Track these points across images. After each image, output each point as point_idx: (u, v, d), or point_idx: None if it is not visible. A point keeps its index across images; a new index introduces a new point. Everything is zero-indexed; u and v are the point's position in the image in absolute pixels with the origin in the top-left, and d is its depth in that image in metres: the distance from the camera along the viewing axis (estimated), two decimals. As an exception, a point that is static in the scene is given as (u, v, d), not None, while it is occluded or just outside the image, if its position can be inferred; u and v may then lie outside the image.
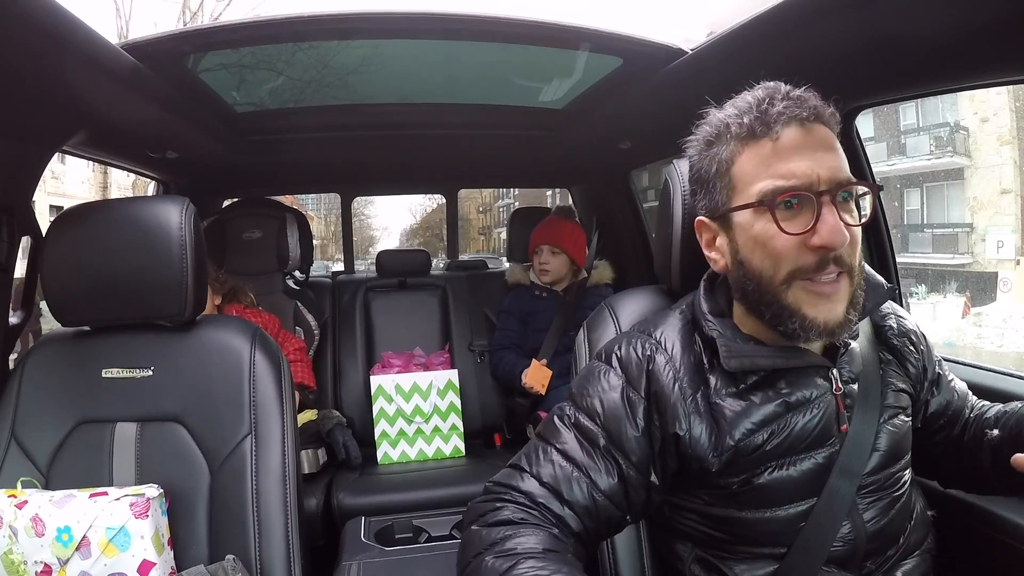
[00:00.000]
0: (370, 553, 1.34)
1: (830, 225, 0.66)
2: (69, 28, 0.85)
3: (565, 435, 0.75)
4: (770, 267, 0.70)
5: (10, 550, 0.90)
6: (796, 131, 0.69)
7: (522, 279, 2.16)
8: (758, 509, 0.73)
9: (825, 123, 0.70)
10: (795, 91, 0.70)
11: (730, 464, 0.72)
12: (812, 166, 0.67)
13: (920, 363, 0.84)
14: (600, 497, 0.72)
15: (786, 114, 0.68)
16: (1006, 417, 0.81)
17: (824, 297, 0.69)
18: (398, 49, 1.32)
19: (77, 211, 1.06)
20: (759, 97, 0.71)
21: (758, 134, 0.70)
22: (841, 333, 0.71)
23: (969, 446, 0.84)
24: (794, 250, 0.68)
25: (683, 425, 0.72)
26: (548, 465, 0.73)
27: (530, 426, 2.00)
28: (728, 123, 0.72)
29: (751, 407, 0.73)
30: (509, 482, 0.73)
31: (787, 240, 0.68)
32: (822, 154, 0.68)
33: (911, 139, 7.28)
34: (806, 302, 0.69)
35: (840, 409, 0.75)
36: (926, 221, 7.23)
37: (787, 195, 0.68)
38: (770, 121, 0.69)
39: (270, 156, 1.92)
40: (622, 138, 1.84)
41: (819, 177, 0.67)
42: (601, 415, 0.74)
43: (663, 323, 0.80)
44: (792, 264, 0.69)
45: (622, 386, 0.76)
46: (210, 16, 9.69)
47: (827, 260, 0.67)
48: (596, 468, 0.72)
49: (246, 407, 1.02)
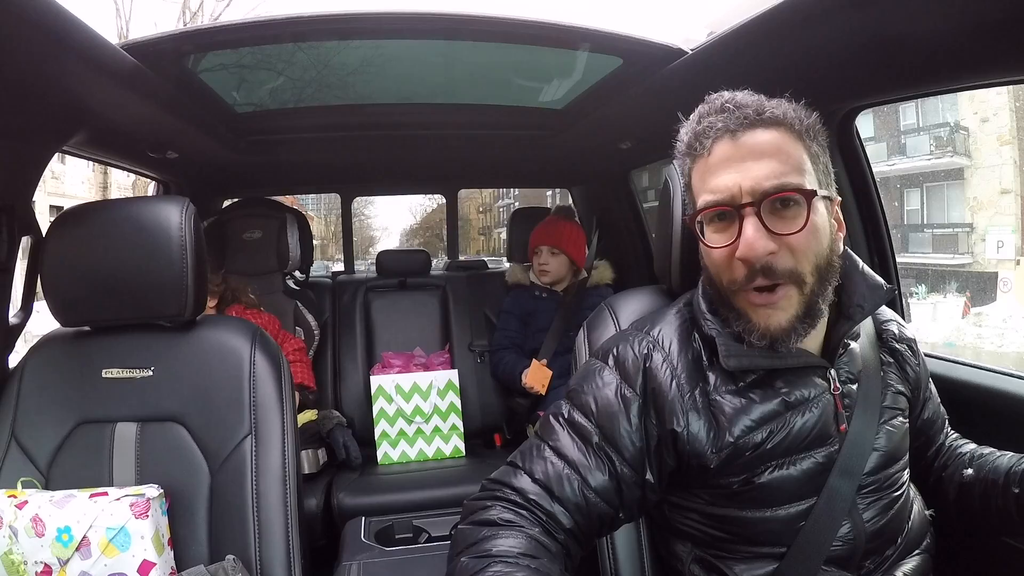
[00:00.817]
0: (370, 553, 1.34)
1: (746, 237, 0.67)
2: (69, 28, 0.85)
3: (559, 433, 0.75)
4: (716, 276, 0.73)
5: (10, 550, 0.90)
6: (725, 144, 0.70)
7: (522, 279, 2.16)
8: (758, 509, 0.74)
9: (772, 126, 0.69)
10: (737, 98, 0.71)
11: (729, 462, 0.72)
12: (736, 179, 0.68)
13: (917, 372, 0.85)
14: (591, 494, 0.71)
15: (714, 127, 0.70)
16: (982, 460, 0.84)
17: (762, 306, 0.70)
18: (398, 49, 1.32)
19: (77, 211, 1.06)
20: (700, 113, 0.73)
21: (697, 151, 0.73)
22: (787, 340, 0.71)
23: (938, 473, 0.88)
24: (726, 262, 0.71)
25: (680, 422, 0.73)
26: (541, 462, 0.73)
27: (530, 426, 2.00)
28: (681, 139, 0.75)
29: (750, 404, 0.73)
30: (503, 479, 0.74)
31: (718, 253, 0.71)
32: (750, 164, 0.68)
33: (911, 139, 7.27)
34: (749, 308, 0.71)
35: (839, 409, 0.75)
36: (926, 221, 7.23)
37: (712, 210, 0.70)
38: (701, 137, 0.71)
39: (270, 156, 1.92)
40: (622, 138, 1.84)
41: (741, 189, 0.68)
42: (595, 412, 0.75)
43: (660, 321, 0.81)
44: (727, 275, 0.71)
45: (616, 383, 0.76)
46: (210, 16, 9.70)
47: (755, 271, 0.68)
48: (588, 465, 0.72)
49: (246, 407, 1.02)
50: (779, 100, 0.72)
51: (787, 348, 0.72)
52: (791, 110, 0.71)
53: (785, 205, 0.68)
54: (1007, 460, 0.81)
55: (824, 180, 0.72)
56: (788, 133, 0.70)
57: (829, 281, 0.72)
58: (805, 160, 0.70)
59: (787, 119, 0.70)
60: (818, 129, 0.73)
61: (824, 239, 0.71)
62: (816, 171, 0.71)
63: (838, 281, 0.74)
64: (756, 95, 0.72)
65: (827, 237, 0.71)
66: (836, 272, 0.73)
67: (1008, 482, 0.78)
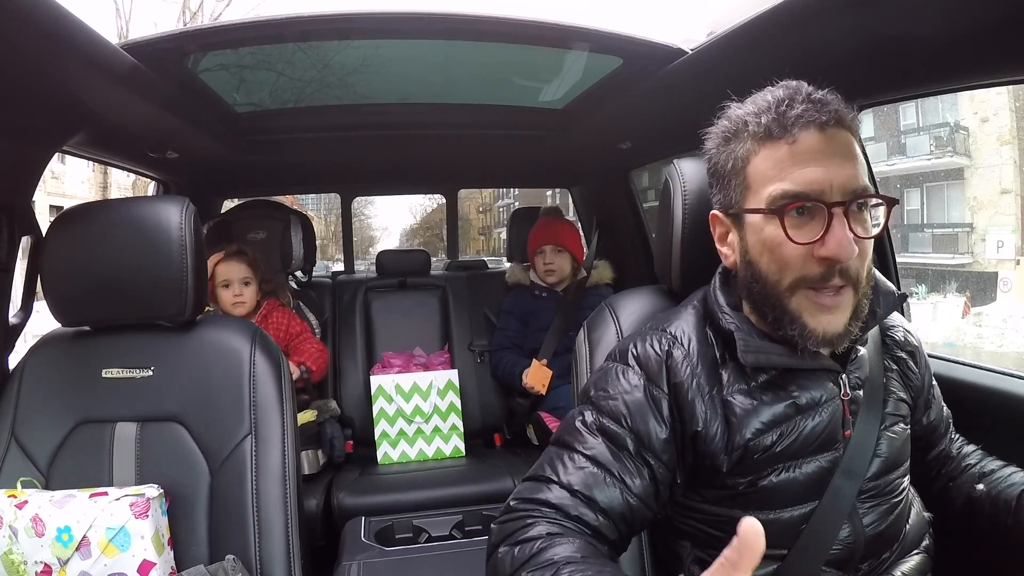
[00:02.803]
0: (370, 553, 1.34)
1: (838, 237, 0.65)
2: (69, 28, 0.85)
3: (591, 440, 0.72)
4: (776, 272, 0.70)
5: (10, 550, 0.90)
6: (814, 136, 0.67)
7: (522, 279, 2.16)
8: (761, 511, 0.73)
9: (847, 128, 0.68)
10: (818, 93, 0.69)
11: (738, 463, 0.72)
12: (827, 174, 0.66)
13: (920, 378, 0.84)
14: (634, 500, 0.70)
15: (805, 117, 0.67)
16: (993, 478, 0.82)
17: (825, 308, 0.69)
18: (398, 49, 1.32)
19: (77, 211, 1.06)
20: (779, 97, 0.69)
21: (775, 135, 0.68)
22: (839, 344, 0.70)
23: (945, 481, 0.87)
24: (800, 259, 0.68)
25: (700, 422, 0.72)
26: (578, 473, 0.69)
27: (530, 426, 2.00)
28: (746, 120, 0.71)
29: (760, 406, 0.72)
30: (535, 496, 0.69)
31: (794, 248, 0.68)
32: (839, 161, 0.67)
33: (911, 139, 7.28)
34: (807, 311, 0.69)
35: (846, 415, 0.75)
36: (926, 221, 7.24)
37: (798, 203, 0.67)
38: (787, 123, 0.67)
39: (270, 156, 1.92)
40: (622, 138, 1.84)
41: (832, 186, 0.66)
42: (627, 417, 0.72)
43: (677, 318, 0.79)
44: (797, 272, 0.68)
45: (644, 384, 0.74)
46: (210, 16, 9.69)
47: (833, 271, 0.67)
48: (628, 471, 0.70)
49: (246, 407, 1.02)
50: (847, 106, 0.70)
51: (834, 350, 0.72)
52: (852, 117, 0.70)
53: (864, 207, 0.68)
54: (1019, 480, 0.81)
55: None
56: (857, 141, 0.70)
57: (870, 284, 0.72)
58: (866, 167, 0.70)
59: (856, 128, 0.70)
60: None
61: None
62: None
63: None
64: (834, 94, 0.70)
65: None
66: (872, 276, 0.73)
67: (1020, 507, 0.77)
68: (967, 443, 0.91)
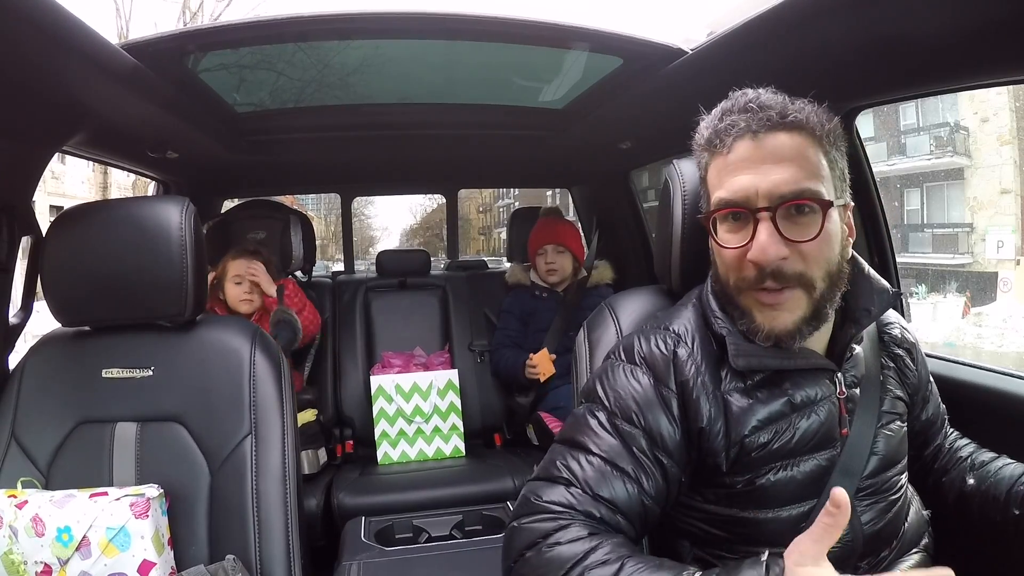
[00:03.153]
0: (370, 553, 1.34)
1: (760, 242, 0.68)
2: (69, 28, 0.85)
3: (606, 438, 0.72)
4: (725, 274, 0.74)
5: (10, 550, 0.90)
6: (746, 144, 0.70)
7: (522, 279, 2.16)
8: (760, 510, 0.74)
9: (789, 129, 0.69)
10: (761, 98, 0.70)
11: (736, 462, 0.73)
12: (753, 181, 0.68)
13: (917, 376, 0.85)
14: (649, 501, 0.70)
15: (736, 126, 0.70)
16: (984, 471, 0.84)
17: (768, 306, 0.71)
18: (398, 49, 1.32)
19: (77, 211, 1.06)
20: (722, 108, 0.73)
21: (716, 146, 0.72)
22: (791, 341, 0.71)
23: (937, 475, 0.88)
24: (737, 262, 0.71)
25: (705, 419, 0.73)
26: (595, 473, 0.70)
27: (530, 426, 2.00)
28: (701, 132, 0.75)
29: (756, 404, 0.73)
30: (556, 499, 0.69)
31: (730, 252, 0.71)
32: (768, 167, 0.68)
33: (911, 139, 7.28)
34: (754, 307, 0.72)
35: (842, 413, 0.75)
36: (926, 221, 7.24)
37: (727, 210, 0.70)
38: (722, 134, 0.71)
39: (270, 156, 1.92)
40: (622, 138, 1.84)
41: (758, 192, 0.68)
42: (640, 416, 0.73)
43: (679, 316, 0.80)
44: (736, 274, 0.72)
45: (653, 383, 0.74)
46: (210, 16, 9.70)
47: (764, 274, 0.69)
48: (644, 470, 0.71)
49: (246, 407, 1.02)
50: (803, 102, 0.71)
51: (792, 348, 0.72)
52: (814, 114, 0.70)
53: (800, 212, 0.68)
54: (1008, 474, 0.81)
55: (840, 187, 0.73)
56: (809, 138, 0.69)
57: (839, 286, 0.72)
58: (823, 166, 0.70)
59: (809, 123, 0.69)
60: (838, 135, 0.73)
61: (836, 246, 0.71)
62: (833, 177, 0.71)
63: (847, 287, 0.74)
64: (780, 95, 0.71)
65: (839, 244, 0.71)
66: (846, 277, 0.73)
67: (1009, 501, 0.78)
68: (960, 437, 0.91)
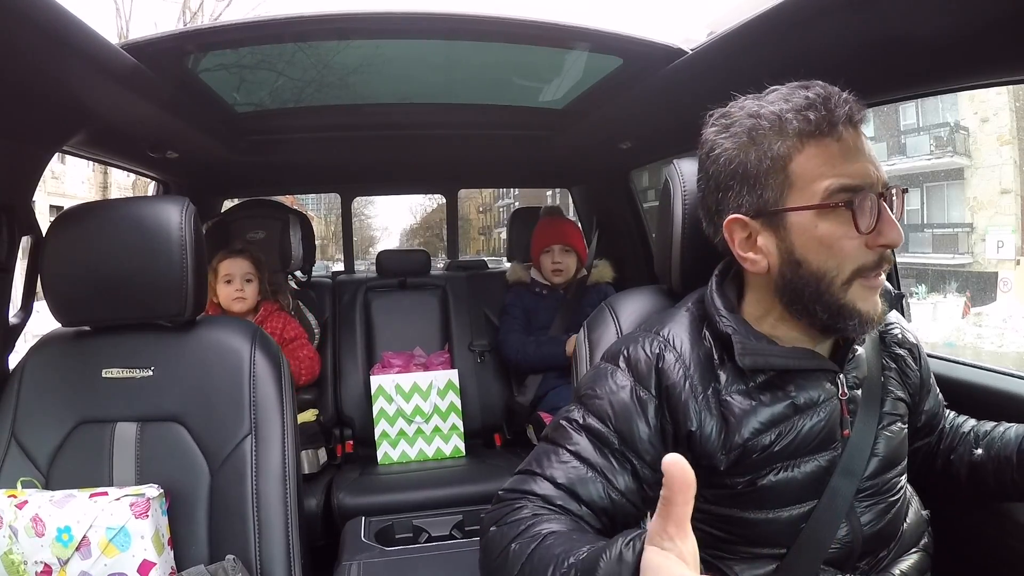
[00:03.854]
0: (370, 553, 1.34)
1: (892, 223, 0.69)
2: (69, 28, 0.85)
3: (576, 437, 0.73)
4: (834, 267, 0.69)
5: (10, 550, 0.90)
6: (853, 132, 0.69)
7: (523, 277, 2.16)
8: (760, 510, 0.74)
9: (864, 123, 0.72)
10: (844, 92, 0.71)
11: (737, 463, 0.72)
12: (871, 167, 0.69)
13: (918, 376, 0.85)
14: (617, 496, 0.71)
15: (847, 115, 0.69)
16: (989, 439, 0.84)
17: (873, 291, 0.71)
18: (398, 49, 1.32)
19: (77, 211, 1.06)
20: (821, 95, 0.69)
21: (824, 132, 0.68)
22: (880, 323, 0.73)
23: (945, 455, 0.88)
24: (858, 250, 0.69)
25: (694, 422, 0.72)
26: (561, 467, 0.71)
27: (530, 426, 2.00)
28: (785, 117, 0.69)
29: (759, 406, 0.73)
30: (523, 487, 0.71)
31: (855, 240, 0.69)
32: (872, 156, 0.70)
33: (911, 139, 7.28)
34: (860, 298, 0.70)
35: (844, 414, 0.75)
36: (926, 221, 7.23)
37: (857, 196, 0.68)
38: (836, 120, 0.68)
39: (270, 156, 1.92)
40: (622, 138, 1.84)
41: (877, 178, 0.69)
42: (612, 416, 0.73)
43: (670, 321, 0.80)
44: (856, 263, 0.69)
45: (631, 386, 0.75)
46: (210, 16, 9.70)
47: (885, 257, 0.70)
48: (611, 468, 0.71)
49: (246, 407, 1.02)
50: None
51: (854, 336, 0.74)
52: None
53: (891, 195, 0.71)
54: (1014, 435, 0.82)
55: None
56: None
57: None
58: None
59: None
60: None
61: None
62: None
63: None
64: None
65: None
66: None
67: (1021, 458, 0.79)
68: (958, 416, 0.92)
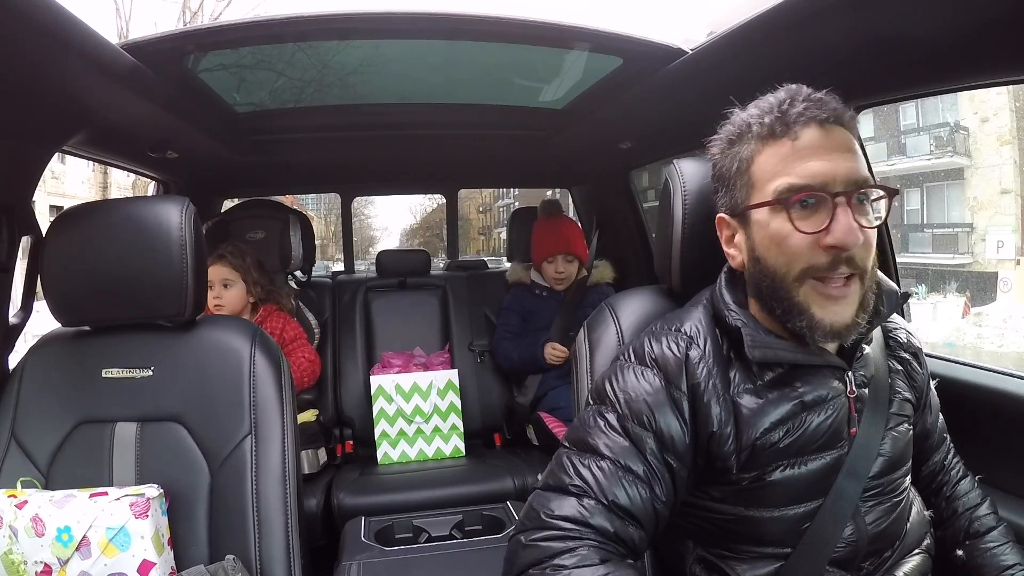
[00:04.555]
0: (370, 553, 1.34)
1: (843, 225, 0.67)
2: (69, 28, 0.85)
3: (617, 440, 0.72)
4: (784, 265, 0.71)
5: (10, 550, 0.90)
6: (815, 132, 0.69)
7: (523, 278, 2.16)
8: (765, 508, 0.74)
9: (844, 126, 0.71)
10: (816, 93, 0.71)
11: (747, 461, 0.72)
12: (829, 166, 0.68)
13: (923, 379, 0.85)
14: (660, 506, 0.70)
15: (805, 115, 0.69)
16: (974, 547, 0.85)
17: (832, 299, 0.69)
18: (398, 49, 1.32)
19: (77, 211, 1.06)
20: (780, 98, 0.72)
21: (778, 133, 0.70)
22: (848, 336, 0.71)
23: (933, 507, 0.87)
24: (807, 249, 0.69)
25: (716, 423, 0.72)
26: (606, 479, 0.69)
27: (530, 426, 2.00)
28: (750, 123, 0.73)
29: (767, 405, 0.73)
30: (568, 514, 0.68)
31: (801, 238, 0.69)
32: (840, 155, 0.69)
33: (911, 139, 7.28)
34: (815, 302, 0.70)
35: (851, 412, 0.75)
36: (926, 221, 7.24)
37: (803, 194, 0.68)
38: (789, 121, 0.70)
39: (270, 156, 1.92)
40: (622, 138, 1.84)
41: (835, 177, 0.68)
42: (651, 418, 0.72)
43: (689, 317, 0.79)
44: (805, 262, 0.69)
45: (664, 386, 0.74)
46: (210, 16, 9.70)
47: (839, 260, 0.68)
48: (655, 475, 0.70)
49: (246, 407, 1.02)
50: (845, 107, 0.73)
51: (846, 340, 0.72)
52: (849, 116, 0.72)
53: (866, 198, 0.70)
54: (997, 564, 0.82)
55: None
56: (856, 139, 0.72)
57: (875, 278, 0.73)
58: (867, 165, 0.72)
59: (854, 127, 0.72)
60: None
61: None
62: None
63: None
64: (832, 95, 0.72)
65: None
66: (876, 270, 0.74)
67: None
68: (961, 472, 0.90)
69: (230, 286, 1.81)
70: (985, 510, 0.87)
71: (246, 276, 1.83)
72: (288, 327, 1.89)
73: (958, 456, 0.91)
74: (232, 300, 1.81)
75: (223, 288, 1.80)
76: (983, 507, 0.87)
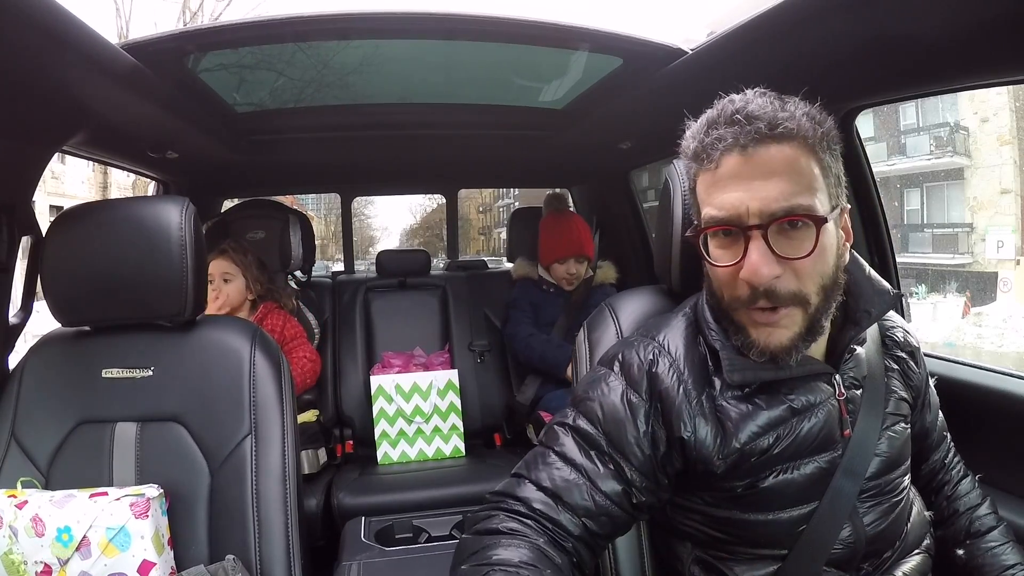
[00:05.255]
0: (370, 553, 1.34)
1: (751, 261, 0.66)
2: (69, 28, 0.85)
3: (564, 439, 0.74)
4: (718, 289, 0.72)
5: (10, 550, 0.90)
6: (735, 159, 0.66)
7: (530, 273, 2.16)
8: (761, 512, 0.73)
9: (779, 141, 0.65)
10: (749, 107, 0.66)
11: (735, 467, 0.72)
12: (743, 198, 0.66)
13: (920, 378, 0.85)
14: (601, 499, 0.70)
15: (724, 141, 0.67)
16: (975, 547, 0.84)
17: (763, 325, 0.69)
18: (398, 49, 1.32)
19: (77, 211, 1.06)
20: (708, 119, 0.70)
21: (703, 161, 0.70)
22: (788, 356, 0.70)
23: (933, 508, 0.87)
24: (729, 280, 0.70)
25: (688, 428, 0.72)
26: (546, 469, 0.72)
27: (530, 426, 2.00)
28: (685, 143, 0.73)
29: (756, 410, 0.72)
30: (507, 490, 0.72)
31: (722, 271, 0.70)
32: (759, 183, 0.65)
33: (911, 139, 7.28)
34: (749, 324, 0.71)
35: (843, 414, 0.75)
36: (926, 221, 7.24)
37: (717, 227, 0.68)
38: (708, 149, 0.68)
39: (270, 156, 1.92)
40: (622, 138, 1.84)
41: (748, 210, 0.65)
42: (601, 419, 0.74)
43: (666, 327, 0.80)
44: (730, 292, 0.70)
45: (622, 389, 0.75)
46: (210, 16, 9.69)
47: (757, 294, 0.67)
48: (596, 471, 0.71)
49: (246, 407, 1.02)
50: (794, 105, 0.68)
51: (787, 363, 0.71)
52: (806, 119, 0.66)
53: (793, 227, 0.66)
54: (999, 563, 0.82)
55: (835, 192, 0.70)
56: (800, 147, 0.66)
57: (833, 298, 0.70)
58: (817, 176, 0.67)
59: (801, 131, 0.66)
60: (832, 136, 0.69)
61: (831, 259, 0.69)
62: (828, 184, 0.68)
63: (843, 297, 0.73)
64: (770, 100, 0.68)
65: (834, 256, 0.69)
66: (841, 288, 0.72)
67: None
68: (962, 471, 0.90)
69: (230, 280, 1.81)
70: (985, 510, 0.87)
71: (246, 272, 1.84)
72: (288, 325, 1.89)
73: (959, 455, 0.91)
74: (232, 294, 1.81)
75: (223, 282, 1.81)
76: (983, 507, 0.87)
